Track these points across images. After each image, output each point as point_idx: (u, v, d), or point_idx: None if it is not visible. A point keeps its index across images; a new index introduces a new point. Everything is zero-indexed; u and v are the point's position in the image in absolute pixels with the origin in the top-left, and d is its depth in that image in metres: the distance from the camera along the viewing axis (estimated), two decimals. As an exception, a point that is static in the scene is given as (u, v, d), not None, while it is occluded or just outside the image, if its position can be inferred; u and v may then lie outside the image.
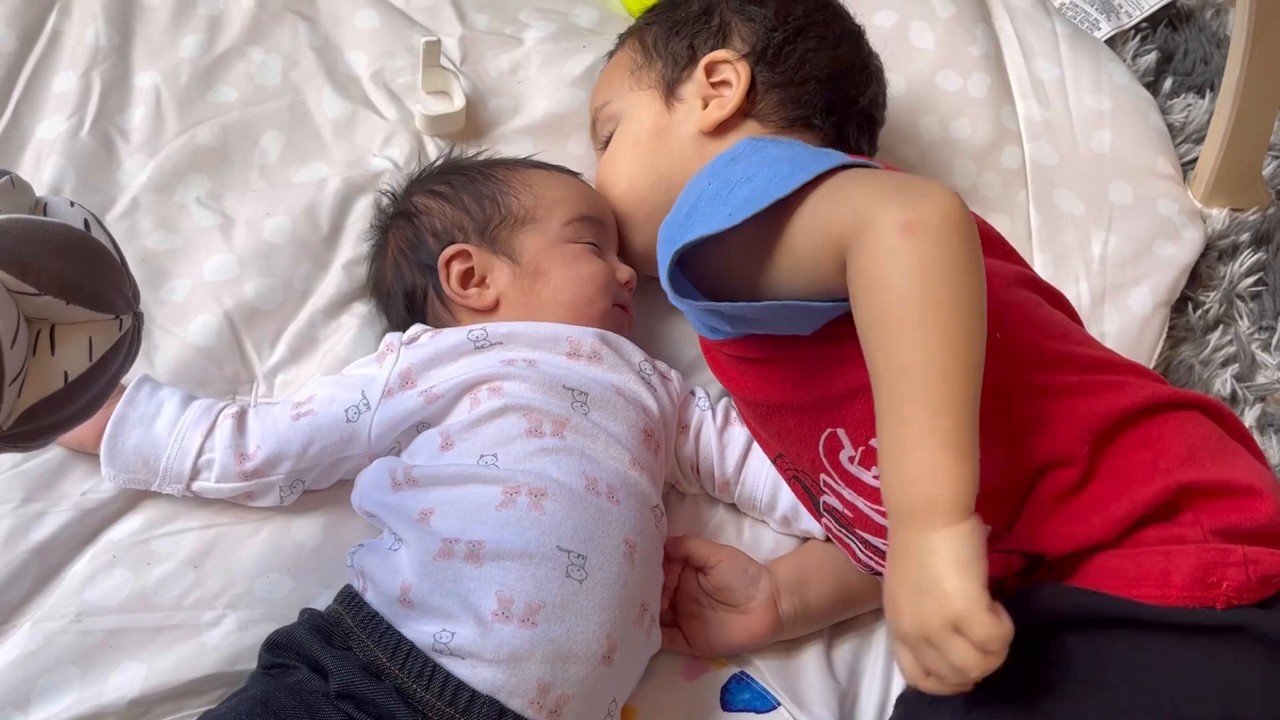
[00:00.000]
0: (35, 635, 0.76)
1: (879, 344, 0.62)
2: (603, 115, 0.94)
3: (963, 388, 0.60)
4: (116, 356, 0.58)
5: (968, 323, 0.61)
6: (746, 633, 0.82)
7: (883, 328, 0.61)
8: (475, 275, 0.85)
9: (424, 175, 0.93)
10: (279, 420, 0.80)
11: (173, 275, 0.92)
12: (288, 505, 0.82)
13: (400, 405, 0.79)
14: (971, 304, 0.61)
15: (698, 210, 0.70)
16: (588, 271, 0.86)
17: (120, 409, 0.79)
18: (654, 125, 0.90)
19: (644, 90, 0.91)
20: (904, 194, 0.63)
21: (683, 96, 0.90)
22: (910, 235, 0.61)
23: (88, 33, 1.04)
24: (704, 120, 0.88)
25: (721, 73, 0.89)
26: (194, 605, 0.78)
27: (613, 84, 0.94)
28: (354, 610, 0.73)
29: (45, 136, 0.98)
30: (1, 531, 0.79)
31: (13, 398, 0.54)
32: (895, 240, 0.61)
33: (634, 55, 0.93)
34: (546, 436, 0.76)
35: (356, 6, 1.11)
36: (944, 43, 1.13)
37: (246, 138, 1.01)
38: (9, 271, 0.53)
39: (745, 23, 0.91)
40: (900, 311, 0.60)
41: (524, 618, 0.70)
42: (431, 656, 0.70)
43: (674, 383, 0.87)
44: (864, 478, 0.73)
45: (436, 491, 0.75)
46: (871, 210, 0.63)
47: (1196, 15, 1.26)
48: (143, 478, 0.80)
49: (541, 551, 0.71)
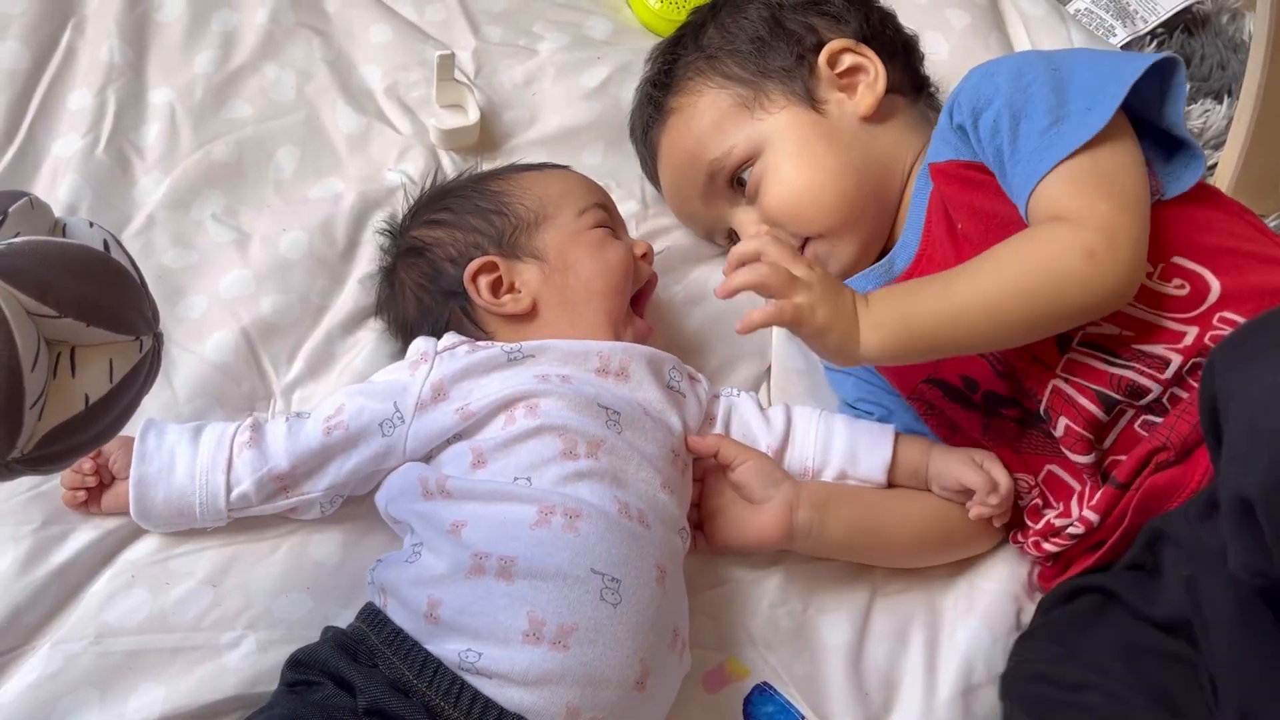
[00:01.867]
0: (54, 657, 0.75)
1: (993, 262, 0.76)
2: (732, 160, 0.90)
3: (961, 339, 0.76)
4: (137, 378, 0.58)
5: (1033, 327, 0.76)
6: (758, 529, 0.83)
7: (1005, 262, 0.75)
8: (504, 283, 0.85)
9: (416, 208, 0.93)
10: (311, 436, 0.79)
11: (189, 292, 0.92)
12: (310, 520, 0.82)
13: (436, 421, 0.79)
14: (1050, 323, 0.77)
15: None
16: (614, 257, 0.86)
17: (136, 470, 0.78)
18: (816, 133, 0.89)
19: (779, 111, 0.90)
20: (1117, 235, 0.74)
21: (824, 97, 0.90)
22: (1087, 259, 0.73)
23: (102, 50, 1.04)
24: (861, 106, 0.90)
25: (844, 62, 0.91)
26: (213, 625, 0.78)
27: (725, 126, 0.91)
28: (378, 628, 0.72)
29: (61, 154, 0.98)
30: (22, 553, 0.78)
31: (33, 421, 0.54)
32: (1077, 248, 0.73)
33: (732, 90, 0.91)
34: (581, 459, 0.75)
35: (370, 20, 1.11)
36: (959, 52, 1.13)
37: (261, 153, 1.01)
38: (29, 294, 0.53)
39: (825, 18, 0.93)
40: (1019, 271, 0.75)
41: (555, 640, 0.69)
42: (459, 674, 0.69)
43: (702, 384, 0.88)
44: (1164, 290, 0.78)
45: (470, 505, 0.74)
46: (1085, 221, 0.74)
47: (1212, 20, 1.25)
48: (184, 524, 0.79)
49: (576, 574, 0.70)
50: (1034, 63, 0.82)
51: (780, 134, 0.89)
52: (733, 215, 0.93)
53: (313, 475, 0.79)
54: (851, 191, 0.88)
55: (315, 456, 0.79)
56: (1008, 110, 0.79)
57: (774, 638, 0.84)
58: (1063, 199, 0.76)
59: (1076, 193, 0.76)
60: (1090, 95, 0.78)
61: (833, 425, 0.88)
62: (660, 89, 0.95)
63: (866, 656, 0.84)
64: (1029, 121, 0.78)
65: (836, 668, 0.83)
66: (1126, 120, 0.79)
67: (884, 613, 0.86)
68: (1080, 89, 0.79)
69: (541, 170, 0.92)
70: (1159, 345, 0.77)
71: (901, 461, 0.86)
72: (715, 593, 0.85)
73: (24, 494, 0.80)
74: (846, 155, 0.89)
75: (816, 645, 0.84)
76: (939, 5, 1.15)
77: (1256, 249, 0.80)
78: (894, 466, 0.86)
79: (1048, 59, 0.82)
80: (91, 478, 0.79)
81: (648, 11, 1.16)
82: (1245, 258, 0.79)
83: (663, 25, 1.15)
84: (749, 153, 0.90)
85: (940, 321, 0.75)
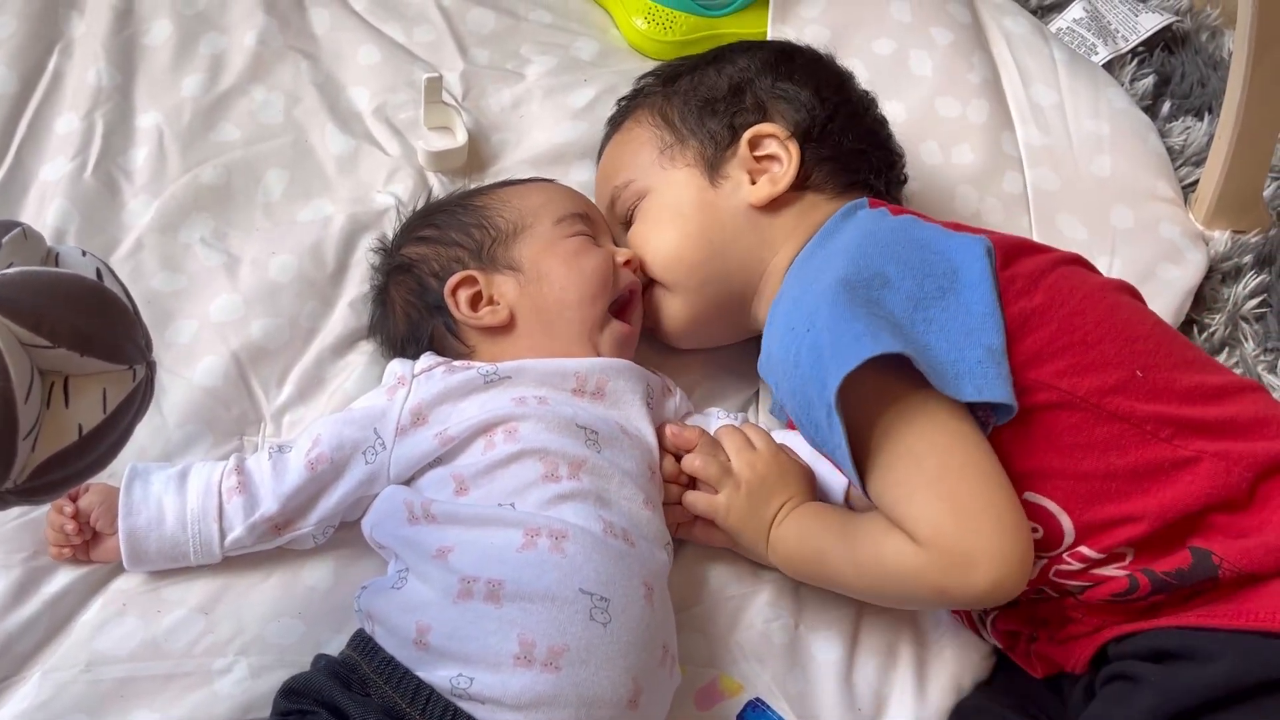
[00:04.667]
0: (45, 686, 0.75)
1: (853, 552, 0.76)
2: (627, 193, 0.92)
3: (841, 588, 0.81)
4: (130, 407, 0.58)
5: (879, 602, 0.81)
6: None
7: (864, 566, 0.76)
8: (483, 296, 0.86)
9: (406, 226, 0.93)
10: (295, 474, 0.79)
11: (178, 316, 0.92)
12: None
13: (416, 446, 0.79)
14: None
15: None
16: (589, 264, 0.86)
17: (124, 524, 0.77)
18: (697, 200, 0.89)
19: (680, 168, 0.90)
20: (972, 557, 0.69)
21: (727, 173, 0.90)
22: (938, 596, 0.71)
23: (89, 74, 1.04)
24: (755, 196, 0.88)
25: (766, 147, 0.89)
26: (205, 652, 0.78)
27: (637, 161, 0.92)
28: (369, 655, 0.72)
29: (49, 178, 0.98)
30: (12, 582, 0.78)
31: (26, 452, 0.54)
32: (925, 586, 0.71)
33: (659, 133, 0.92)
34: (563, 480, 0.76)
35: (358, 43, 1.11)
36: (943, 70, 1.14)
37: (250, 176, 1.01)
38: (22, 325, 0.53)
39: (782, 102, 0.91)
40: (871, 577, 0.76)
41: (547, 662, 0.69)
42: (451, 700, 0.69)
43: (675, 397, 0.88)
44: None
45: (455, 530, 0.74)
46: (930, 538, 0.70)
47: (1192, 38, 1.27)
48: (178, 565, 0.79)
49: (564, 594, 0.71)
50: (790, 344, 0.76)
51: (667, 186, 0.90)
52: (620, 237, 0.95)
53: (304, 512, 0.79)
54: (694, 262, 0.88)
55: (302, 493, 0.79)
56: (790, 410, 0.81)
57: (766, 653, 0.84)
58: (898, 505, 0.73)
59: (910, 500, 0.72)
60: (820, 400, 0.72)
61: (802, 445, 0.88)
62: (620, 110, 0.99)
63: (857, 672, 0.84)
64: (803, 431, 0.78)
65: (828, 683, 0.83)
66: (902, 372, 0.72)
67: (873, 628, 0.86)
68: (816, 388, 0.72)
69: (525, 183, 0.93)
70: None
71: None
72: (707, 608, 0.85)
73: (14, 522, 0.80)
74: (711, 231, 0.88)
75: (808, 661, 0.84)
76: (923, 24, 1.16)
77: (1116, 459, 0.72)
78: (851, 489, 0.86)
79: (807, 323, 0.75)
80: (75, 536, 0.78)
81: (635, 33, 1.17)
82: (1101, 469, 0.73)
83: (650, 46, 1.16)
84: (640, 191, 0.92)
85: (820, 567, 0.80)
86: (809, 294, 0.78)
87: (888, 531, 0.73)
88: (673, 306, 0.91)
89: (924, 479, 0.71)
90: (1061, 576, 0.75)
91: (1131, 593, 0.73)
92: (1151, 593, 0.72)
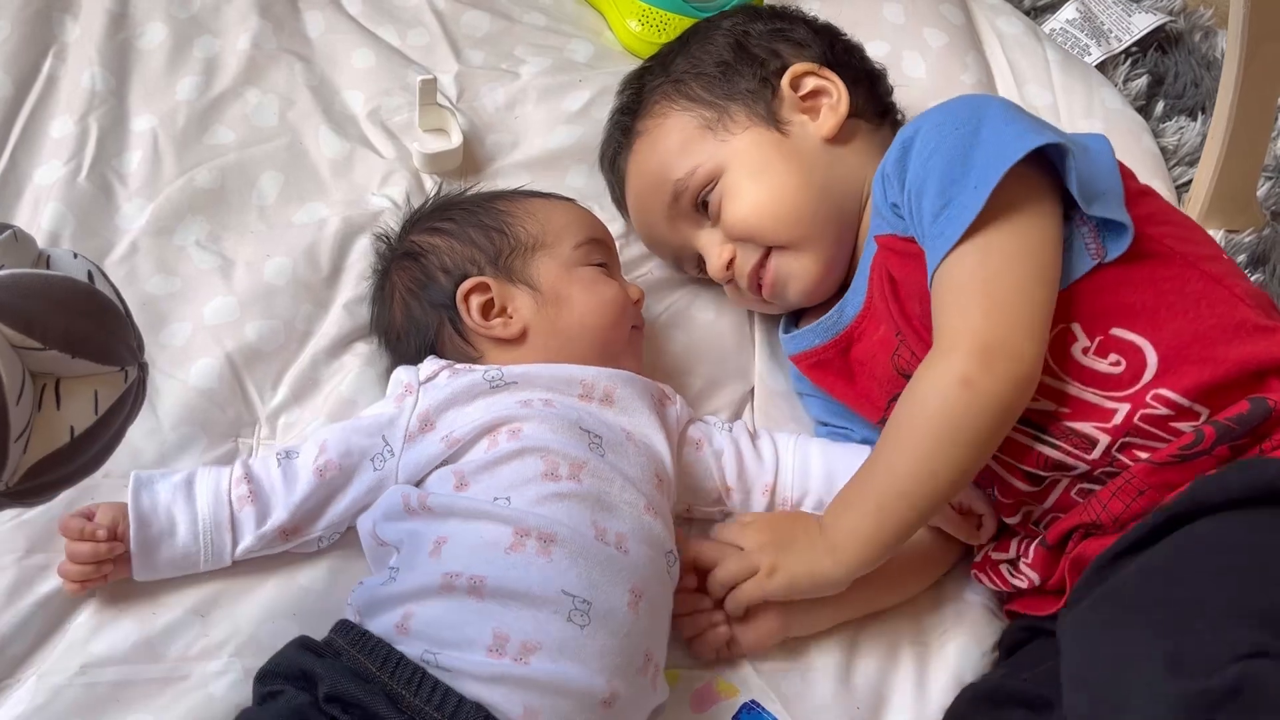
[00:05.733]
0: (40, 689, 0.75)
1: (893, 434, 0.77)
2: (694, 179, 0.90)
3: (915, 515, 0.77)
4: (122, 409, 0.58)
5: (967, 464, 0.76)
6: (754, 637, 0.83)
7: (902, 429, 0.77)
8: (496, 306, 0.85)
9: (419, 214, 0.93)
10: (305, 483, 0.79)
11: (173, 319, 0.92)
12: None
13: (423, 451, 0.79)
14: (977, 454, 0.76)
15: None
16: (609, 295, 0.86)
17: (136, 535, 0.76)
18: (778, 154, 0.90)
19: (741, 132, 0.90)
20: (990, 351, 0.74)
21: (787, 119, 0.91)
22: (965, 389, 0.74)
23: (84, 77, 1.04)
24: (823, 128, 0.90)
25: (806, 85, 0.92)
26: (200, 655, 0.78)
27: (689, 147, 0.91)
28: (346, 632, 0.73)
29: (43, 182, 0.98)
30: (5, 584, 0.78)
31: (18, 454, 0.54)
32: (952, 383, 0.74)
33: (695, 113, 0.92)
34: (563, 480, 0.76)
35: (352, 46, 1.11)
36: (936, 72, 1.14)
37: (244, 179, 1.01)
38: (14, 327, 0.53)
39: (789, 43, 0.94)
40: (917, 434, 0.76)
41: (517, 656, 0.69)
42: (420, 665, 0.70)
43: (675, 405, 0.87)
44: (1099, 367, 0.77)
45: (451, 522, 0.74)
46: (956, 339, 0.75)
47: (1185, 38, 1.27)
48: (188, 573, 0.79)
49: (545, 595, 0.71)
50: (949, 123, 0.80)
51: (742, 153, 0.90)
52: (698, 238, 0.93)
53: (313, 520, 0.80)
54: (812, 206, 0.89)
55: (312, 500, 0.79)
56: (914, 190, 0.79)
57: (762, 656, 0.84)
58: (943, 311, 0.77)
59: (955, 304, 0.76)
60: (984, 169, 0.76)
61: (809, 452, 0.89)
62: (628, 114, 0.97)
63: (856, 673, 0.84)
64: (926, 201, 0.78)
65: (825, 685, 0.83)
66: (1037, 182, 0.78)
67: (872, 630, 0.86)
68: (983, 156, 0.77)
69: (549, 199, 0.92)
70: (1088, 423, 0.77)
71: None
72: (703, 612, 0.85)
73: (7, 523, 0.80)
74: (808, 173, 0.89)
75: (806, 663, 0.84)
76: (916, 25, 1.17)
77: (1206, 312, 0.77)
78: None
79: (973, 111, 0.80)
80: (109, 552, 0.76)
81: (629, 35, 1.17)
82: (1191, 320, 0.77)
83: (644, 49, 1.16)
84: (712, 173, 0.90)
85: (885, 516, 0.77)
86: (966, 103, 0.83)
87: (911, 387, 0.77)
88: (803, 264, 0.90)
89: (986, 289, 0.76)
90: (1146, 422, 0.76)
91: (1197, 444, 0.74)
92: (1215, 443, 0.73)
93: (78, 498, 0.80)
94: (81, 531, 0.76)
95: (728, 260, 0.90)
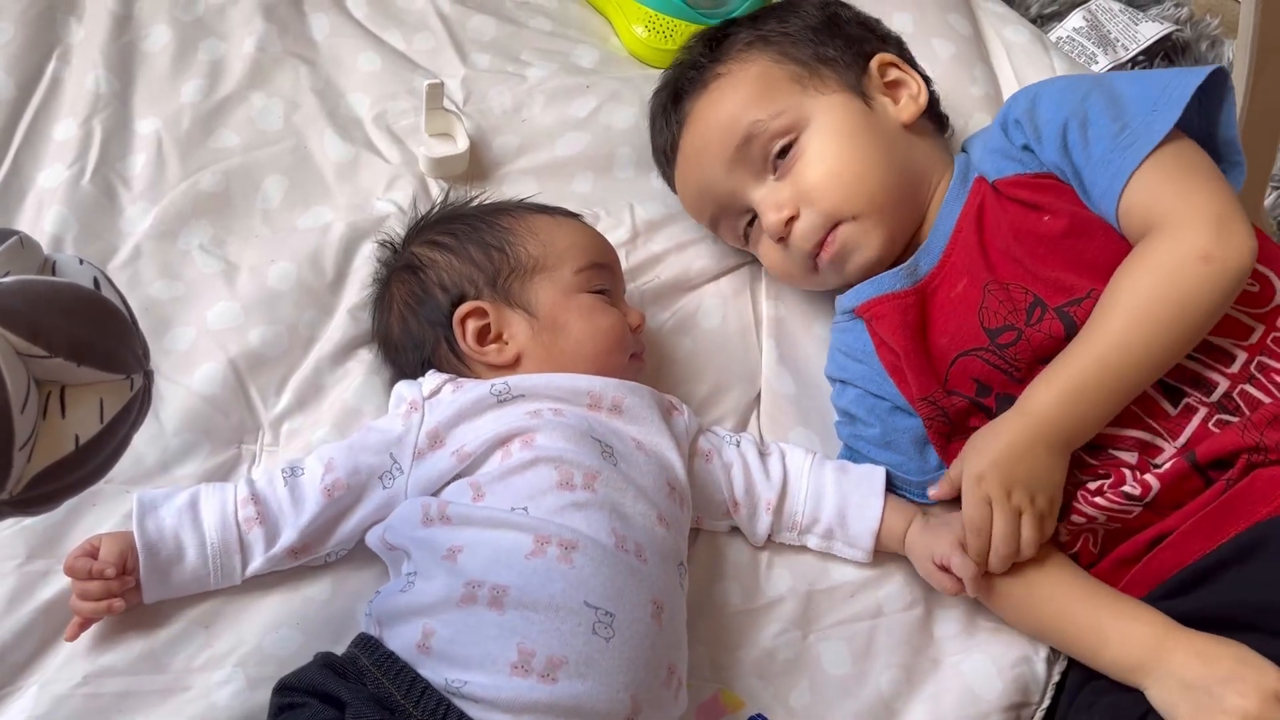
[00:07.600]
0: (42, 699, 0.74)
1: (1119, 304, 0.78)
2: (775, 126, 0.90)
3: (1130, 388, 0.78)
4: (127, 417, 0.58)
5: (1179, 345, 0.78)
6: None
7: (1135, 297, 0.78)
8: (492, 331, 0.85)
9: (423, 223, 0.92)
10: (314, 504, 0.79)
11: (176, 324, 0.91)
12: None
13: (434, 467, 0.79)
14: (1193, 335, 0.78)
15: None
16: (605, 323, 0.85)
17: (145, 563, 0.76)
18: (864, 123, 0.91)
19: (830, 94, 0.92)
20: (1223, 222, 0.77)
21: (873, 95, 0.94)
22: (1204, 265, 0.76)
23: (88, 79, 1.04)
24: (906, 114, 0.93)
25: (890, 74, 0.95)
26: (204, 666, 0.77)
27: (775, 92, 0.92)
28: (369, 651, 0.72)
29: (46, 185, 0.98)
30: (5, 591, 0.77)
31: (22, 463, 0.53)
32: (1190, 258, 0.76)
33: (784, 65, 0.93)
34: (578, 489, 0.75)
35: (358, 49, 1.11)
36: (944, 83, 1.13)
37: (249, 183, 1.00)
38: (19, 334, 0.52)
39: (875, 35, 0.99)
40: (1150, 302, 0.77)
41: (544, 673, 0.68)
42: (446, 696, 0.69)
43: (683, 415, 0.87)
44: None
45: (469, 531, 0.74)
46: (1186, 215, 0.77)
47: (1192, 47, 1.27)
48: (197, 592, 0.79)
49: (569, 605, 0.70)
50: (1082, 82, 0.87)
51: (829, 113, 0.91)
52: (754, 190, 0.92)
53: (322, 539, 0.79)
54: (889, 182, 0.90)
55: (320, 520, 0.79)
56: (1076, 120, 0.83)
57: (771, 668, 0.83)
58: (1156, 195, 0.79)
59: (1170, 185, 0.79)
60: (1149, 102, 0.82)
61: (824, 480, 0.87)
62: (708, 56, 0.97)
63: (868, 686, 0.84)
64: (1097, 128, 0.82)
65: (836, 698, 0.83)
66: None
67: (886, 643, 0.85)
68: (1135, 99, 0.83)
69: (555, 216, 0.91)
70: (1227, 339, 0.80)
71: (886, 528, 0.86)
72: (711, 622, 0.85)
73: (8, 530, 0.79)
74: (888, 150, 0.91)
75: (816, 675, 0.84)
76: (925, 35, 1.16)
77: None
78: (879, 531, 0.86)
79: (1094, 79, 0.88)
80: (119, 585, 0.75)
81: (635, 41, 1.17)
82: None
83: (650, 54, 1.16)
84: (793, 123, 0.91)
85: (1087, 380, 0.78)
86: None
87: (1138, 256, 0.78)
88: (867, 236, 0.90)
89: (1197, 173, 0.80)
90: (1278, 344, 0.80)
91: None
92: None
93: (79, 505, 0.80)
94: (89, 572, 0.75)
95: (787, 218, 0.90)
